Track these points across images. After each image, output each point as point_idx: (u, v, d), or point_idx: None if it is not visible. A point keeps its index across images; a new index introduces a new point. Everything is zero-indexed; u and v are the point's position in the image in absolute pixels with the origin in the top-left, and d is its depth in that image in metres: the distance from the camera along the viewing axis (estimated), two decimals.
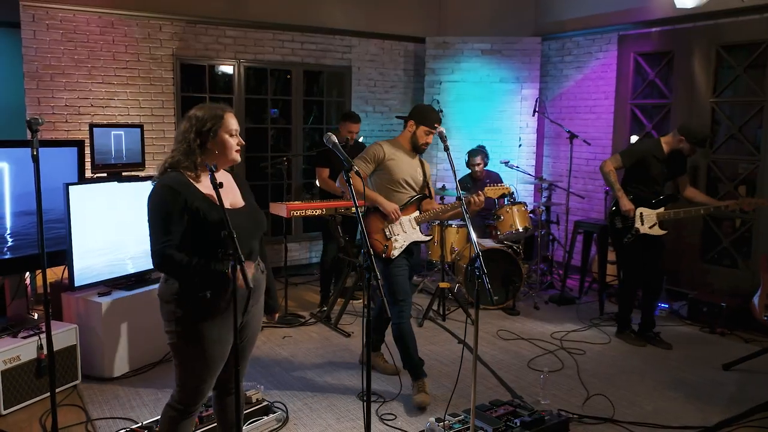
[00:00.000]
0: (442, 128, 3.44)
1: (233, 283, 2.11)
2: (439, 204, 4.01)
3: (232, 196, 2.49)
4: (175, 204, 2.27)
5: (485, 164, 6.35)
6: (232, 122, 2.42)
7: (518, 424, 3.31)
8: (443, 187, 6.31)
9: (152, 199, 2.31)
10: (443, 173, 7.29)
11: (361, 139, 6.41)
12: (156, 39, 5.96)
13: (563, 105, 7.22)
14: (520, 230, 5.81)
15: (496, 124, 7.17)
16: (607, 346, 4.79)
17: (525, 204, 5.99)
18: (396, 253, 3.74)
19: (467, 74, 7.14)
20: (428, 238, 3.96)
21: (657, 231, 4.66)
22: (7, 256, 4.10)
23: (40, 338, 3.69)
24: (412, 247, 3.86)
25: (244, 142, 2.46)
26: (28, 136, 2.75)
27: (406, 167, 3.82)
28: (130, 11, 5.78)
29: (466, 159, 6.33)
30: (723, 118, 5.74)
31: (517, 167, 6.45)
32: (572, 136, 5.97)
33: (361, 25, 7.06)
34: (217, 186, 2.16)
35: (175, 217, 2.26)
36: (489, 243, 5.79)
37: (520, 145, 7.17)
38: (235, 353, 2.31)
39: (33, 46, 5.42)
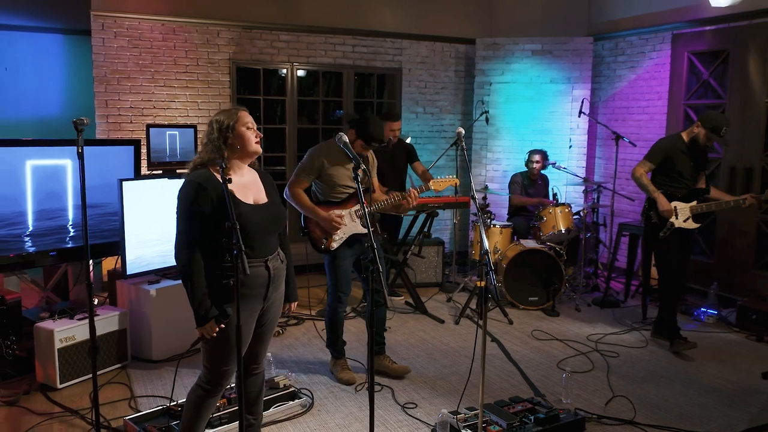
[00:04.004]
0: (461, 129, 3.51)
1: (235, 274, 2.30)
2: (384, 196, 4.06)
3: (255, 193, 2.71)
4: (201, 198, 2.50)
5: (544, 165, 6.41)
6: (247, 117, 2.65)
7: (532, 420, 3.36)
8: (486, 187, 6.36)
9: (181, 194, 2.57)
10: (492, 173, 7.32)
11: (408, 140, 6.53)
12: (214, 44, 6.31)
13: (616, 106, 7.11)
14: (563, 231, 5.80)
15: (547, 125, 7.14)
16: (642, 350, 4.73)
17: (569, 205, 5.97)
18: (335, 245, 3.90)
19: (517, 75, 7.15)
20: (365, 230, 3.98)
21: (691, 224, 4.63)
22: (69, 245, 4.50)
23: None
24: (361, 238, 3.95)
25: (262, 135, 2.70)
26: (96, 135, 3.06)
27: (344, 173, 3.91)
28: (190, 18, 6.15)
29: (526, 157, 6.48)
30: None
31: (564, 168, 6.41)
32: (617, 137, 5.89)
33: (411, 27, 7.20)
34: (226, 181, 2.37)
35: (200, 211, 2.50)
36: (531, 244, 5.80)
37: (570, 147, 7.12)
38: (238, 336, 2.47)
39: (102, 53, 5.87)
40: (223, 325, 2.54)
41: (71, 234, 4.48)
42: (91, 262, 5.09)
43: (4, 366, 3.98)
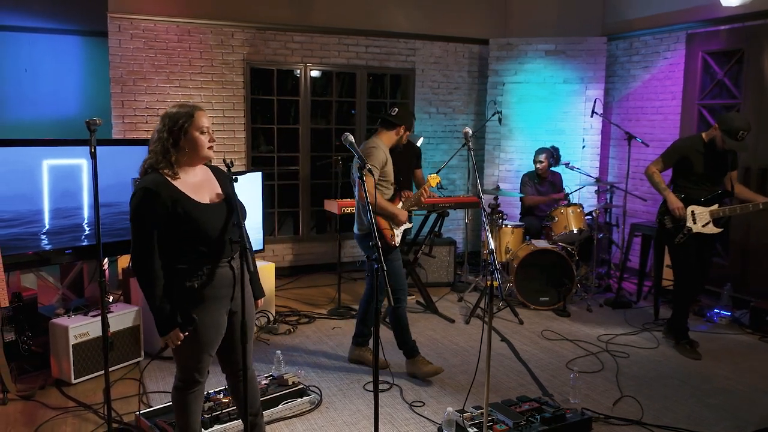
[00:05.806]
0: (467, 129, 3.51)
1: (241, 271, 2.33)
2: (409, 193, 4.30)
3: (210, 191, 2.62)
4: (154, 205, 2.44)
5: (549, 164, 6.40)
6: (203, 120, 2.54)
7: (538, 419, 3.37)
8: (497, 187, 6.36)
9: (133, 202, 2.49)
10: (505, 174, 7.32)
11: (420, 141, 6.54)
12: (228, 45, 6.38)
13: (630, 106, 7.07)
14: (575, 231, 5.78)
15: (560, 126, 7.12)
16: (653, 351, 4.71)
17: (581, 205, 5.95)
18: (398, 240, 4.13)
19: (530, 75, 7.14)
20: (410, 225, 4.55)
21: (711, 229, 4.49)
22: (84, 243, 4.58)
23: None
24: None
25: (215, 140, 2.58)
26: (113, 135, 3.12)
27: (392, 167, 4.14)
28: (205, 20, 6.23)
29: (534, 156, 6.46)
30: None
31: (577, 168, 6.39)
32: (630, 137, 5.87)
33: (424, 28, 7.22)
34: (233, 181, 2.40)
35: (154, 217, 2.44)
36: (542, 244, 5.79)
37: (583, 147, 7.09)
38: (243, 332, 2.52)
39: (118, 54, 5.96)
40: (187, 333, 2.50)
41: (86, 232, 4.57)
42: (106, 260, 5.19)
43: (21, 361, 4.07)
